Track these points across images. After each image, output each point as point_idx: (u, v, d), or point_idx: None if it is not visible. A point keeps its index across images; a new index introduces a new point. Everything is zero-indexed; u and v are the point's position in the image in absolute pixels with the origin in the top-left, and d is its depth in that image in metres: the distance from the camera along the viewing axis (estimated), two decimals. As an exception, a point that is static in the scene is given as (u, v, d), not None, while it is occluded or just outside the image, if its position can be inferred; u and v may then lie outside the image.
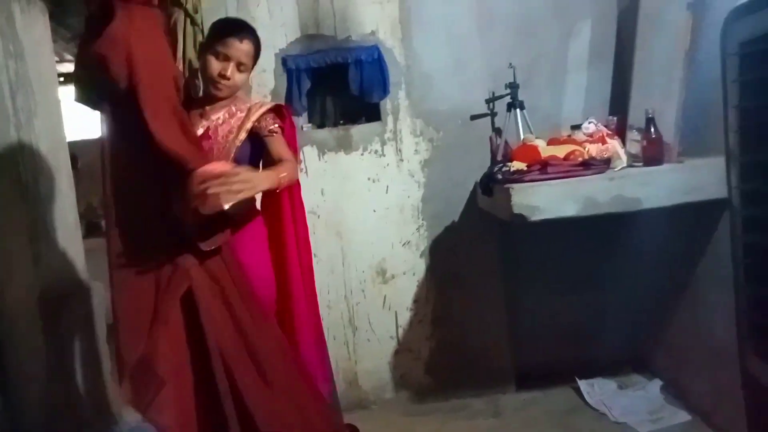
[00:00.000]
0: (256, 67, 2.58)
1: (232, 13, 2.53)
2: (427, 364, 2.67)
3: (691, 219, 2.06)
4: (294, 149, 1.91)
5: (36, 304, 2.49)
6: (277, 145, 1.79)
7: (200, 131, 1.77)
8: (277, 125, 1.80)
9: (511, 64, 2.41)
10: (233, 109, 1.81)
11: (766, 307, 1.63)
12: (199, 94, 1.91)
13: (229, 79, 1.73)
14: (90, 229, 4.20)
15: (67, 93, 2.09)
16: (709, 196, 1.88)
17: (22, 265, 2.48)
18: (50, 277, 2.55)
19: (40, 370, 2.51)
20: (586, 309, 2.70)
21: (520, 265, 2.69)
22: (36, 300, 2.49)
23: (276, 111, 1.83)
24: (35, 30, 2.62)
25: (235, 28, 1.77)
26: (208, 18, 2.44)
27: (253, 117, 1.78)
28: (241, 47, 1.74)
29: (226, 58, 1.73)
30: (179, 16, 2.53)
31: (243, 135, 1.77)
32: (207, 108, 1.81)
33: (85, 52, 1.52)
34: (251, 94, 2.54)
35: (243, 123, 1.77)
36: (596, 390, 2.49)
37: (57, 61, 3.70)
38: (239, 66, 1.75)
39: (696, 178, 1.90)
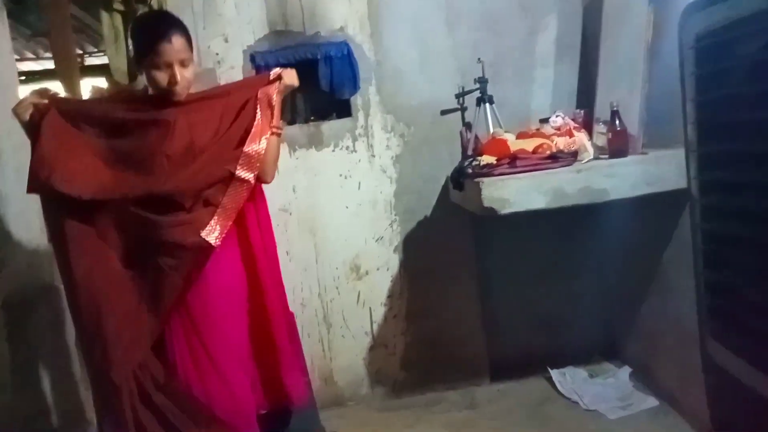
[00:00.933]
0: (223, 62, 2.58)
1: (198, 9, 2.49)
2: (402, 359, 2.69)
3: (655, 209, 2.11)
4: None
5: (0, 313, 2.43)
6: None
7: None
8: None
9: (479, 59, 2.43)
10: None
11: (722, 292, 1.68)
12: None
13: (179, 81, 1.67)
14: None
15: (28, 91, 2.05)
16: (671, 186, 1.93)
17: (-18, 272, 2.41)
18: (15, 283, 2.48)
19: (7, 377, 2.45)
20: (557, 299, 2.75)
21: (492, 257, 2.72)
22: (0, 309, 2.43)
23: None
24: (-8, 28, 2.54)
25: (157, 30, 1.66)
26: (173, 11, 2.39)
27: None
28: (174, 47, 1.64)
29: (167, 65, 1.64)
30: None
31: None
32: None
33: None
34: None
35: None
36: (568, 379, 2.54)
37: (17, 59, 3.60)
38: (182, 62, 1.67)
39: (659, 170, 1.94)
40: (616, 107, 2.03)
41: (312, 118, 2.68)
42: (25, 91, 2.74)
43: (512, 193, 1.92)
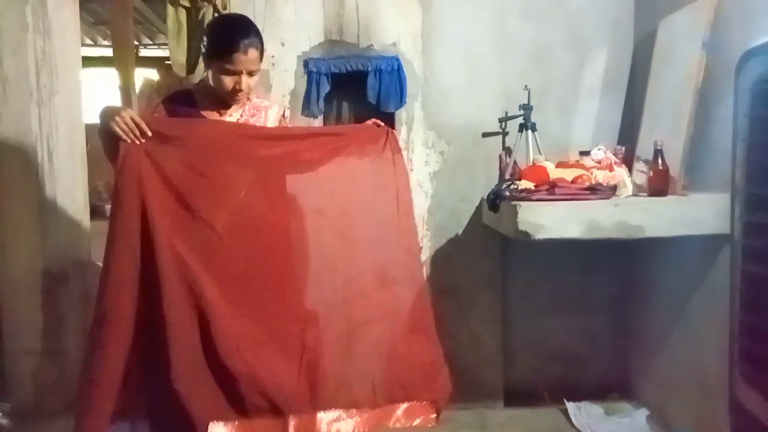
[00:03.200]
0: (277, 65, 2.65)
1: (260, 12, 2.58)
2: (418, 373, 2.69)
3: (689, 251, 2.11)
4: None
5: (38, 278, 2.52)
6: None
7: None
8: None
9: (526, 86, 2.47)
10: (247, 109, 1.85)
11: (757, 335, 1.68)
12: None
13: (243, 90, 1.73)
14: (92, 212, 4.23)
15: (85, 75, 2.15)
16: (710, 230, 1.93)
17: (28, 238, 2.52)
18: (54, 254, 2.58)
19: (36, 344, 2.54)
20: (578, 332, 2.74)
21: (517, 283, 2.73)
22: (39, 275, 2.52)
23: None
24: (64, 11, 2.67)
25: (236, 41, 1.68)
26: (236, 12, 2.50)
27: (270, 121, 1.86)
28: (247, 59, 1.69)
29: (236, 73, 1.70)
30: (207, 11, 2.59)
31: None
32: (222, 110, 1.81)
33: None
34: (271, 92, 2.60)
35: (265, 119, 1.85)
36: (583, 413, 2.52)
37: (79, 44, 3.73)
38: (250, 73, 1.73)
39: (698, 212, 1.95)
40: (660, 146, 2.05)
41: (356, 127, 2.74)
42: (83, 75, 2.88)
43: (548, 220, 1.94)
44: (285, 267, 1.76)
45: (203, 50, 1.77)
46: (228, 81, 1.72)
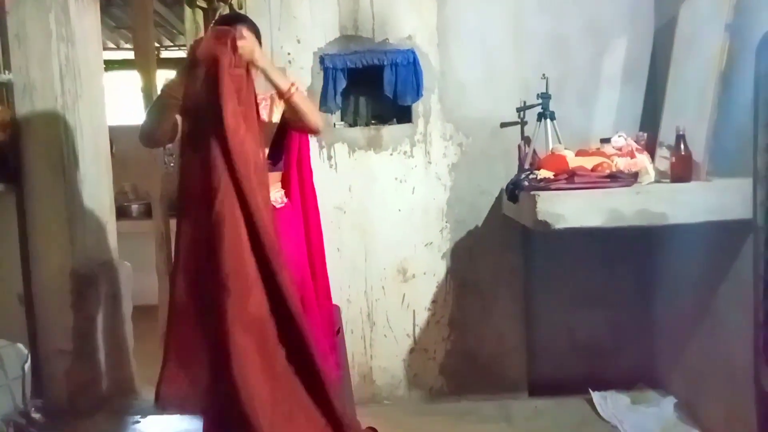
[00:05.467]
0: (294, 63, 2.68)
1: (276, 11, 2.61)
2: (441, 365, 2.71)
3: (714, 239, 2.07)
4: (307, 148, 2.07)
5: (67, 280, 2.59)
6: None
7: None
8: None
9: (544, 75, 2.45)
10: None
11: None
12: None
13: None
14: (119, 212, 4.33)
15: (108, 79, 2.19)
16: (734, 216, 1.88)
17: (58, 243, 2.59)
18: (83, 256, 2.65)
19: (68, 344, 2.61)
20: (603, 323, 2.72)
21: (539, 275, 2.71)
22: (68, 277, 2.59)
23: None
24: (86, 18, 2.74)
25: (230, 22, 1.78)
26: (252, 13, 2.53)
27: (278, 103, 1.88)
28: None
29: None
30: (224, 11, 2.63)
31: (277, 117, 1.86)
32: None
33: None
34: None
35: (271, 105, 1.87)
36: (609, 403, 2.49)
37: (101, 49, 3.80)
38: None
39: (722, 198, 1.91)
40: (683, 132, 2.01)
41: (373, 121, 2.75)
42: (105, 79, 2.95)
43: (568, 209, 1.92)
44: None
45: None
46: None
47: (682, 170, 2.02)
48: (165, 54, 5.22)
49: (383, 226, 2.68)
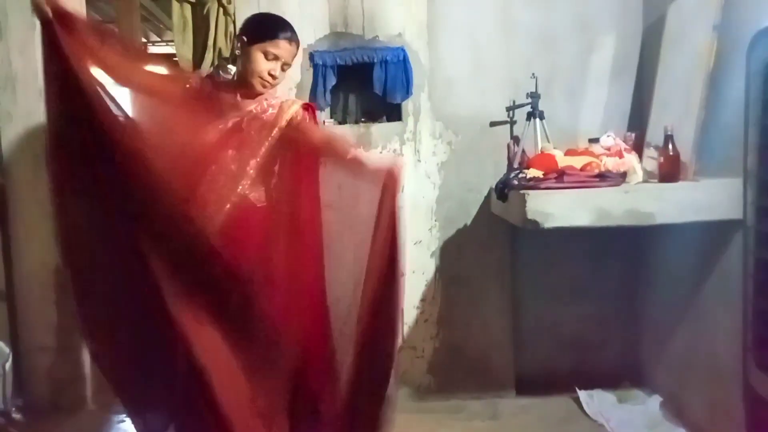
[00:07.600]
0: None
1: (264, 6, 2.57)
2: (429, 363, 2.70)
3: (701, 237, 2.09)
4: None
5: (50, 276, 2.55)
6: (313, 128, 1.86)
7: (230, 123, 1.75)
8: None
9: (533, 74, 2.45)
10: (265, 104, 1.81)
11: (771, 321, 1.66)
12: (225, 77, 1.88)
13: (276, 78, 1.75)
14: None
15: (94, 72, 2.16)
16: (722, 215, 1.90)
17: (40, 236, 2.54)
18: (67, 250, 2.60)
19: (50, 340, 2.57)
20: (589, 320, 2.73)
21: (527, 272, 2.72)
22: (51, 273, 2.55)
23: (304, 108, 1.86)
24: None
25: (285, 29, 1.77)
26: (241, 8, 2.50)
27: (287, 115, 1.80)
28: (290, 49, 1.76)
29: (275, 58, 1.73)
30: (212, 6, 2.60)
31: (277, 132, 1.78)
32: (239, 98, 1.79)
33: None
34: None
35: (276, 120, 1.78)
36: (595, 401, 2.51)
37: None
38: (284, 66, 1.76)
39: (710, 198, 1.92)
40: (671, 132, 2.02)
41: (363, 119, 2.74)
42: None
43: (557, 208, 1.92)
44: None
45: (241, 37, 1.76)
46: (265, 63, 1.73)
47: (670, 170, 2.03)
48: (152, 49, 5.16)
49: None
